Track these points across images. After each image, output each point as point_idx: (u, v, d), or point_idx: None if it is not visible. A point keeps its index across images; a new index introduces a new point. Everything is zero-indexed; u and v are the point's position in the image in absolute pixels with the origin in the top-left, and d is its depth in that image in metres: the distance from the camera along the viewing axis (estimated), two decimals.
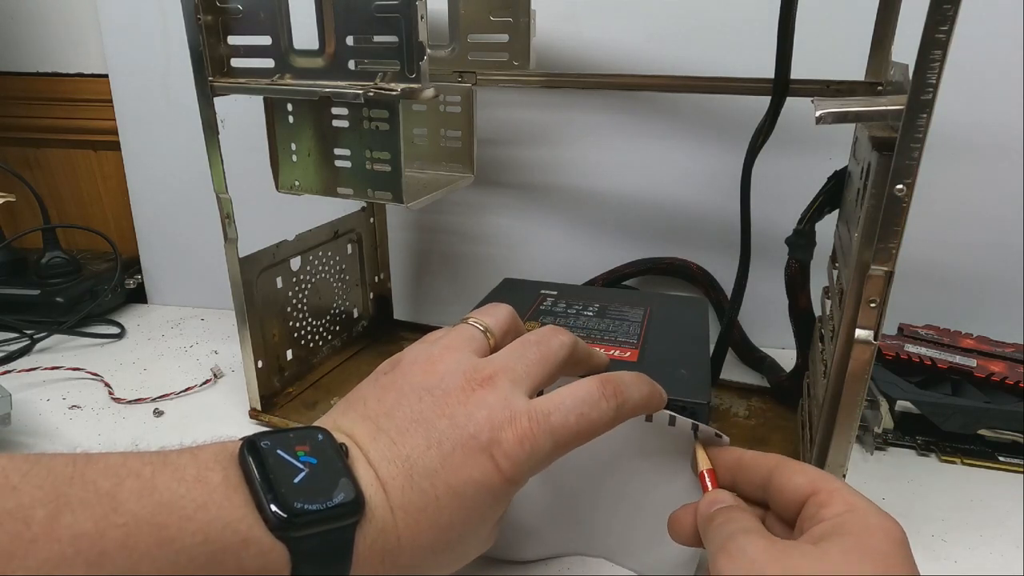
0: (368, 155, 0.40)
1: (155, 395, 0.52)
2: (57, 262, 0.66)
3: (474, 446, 0.26)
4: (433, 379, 0.28)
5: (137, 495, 0.21)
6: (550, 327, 0.32)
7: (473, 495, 0.26)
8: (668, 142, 0.58)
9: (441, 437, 0.26)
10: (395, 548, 0.25)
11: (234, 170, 0.43)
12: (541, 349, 0.30)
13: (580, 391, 0.28)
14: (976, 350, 0.49)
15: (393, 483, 0.25)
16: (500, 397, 0.27)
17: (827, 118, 0.30)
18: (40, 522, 0.19)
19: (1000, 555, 0.36)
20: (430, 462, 0.26)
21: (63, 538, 0.19)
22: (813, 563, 0.23)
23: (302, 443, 0.25)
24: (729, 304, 0.48)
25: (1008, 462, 0.43)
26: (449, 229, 0.65)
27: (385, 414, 0.27)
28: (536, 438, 0.26)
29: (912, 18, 0.30)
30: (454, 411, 0.27)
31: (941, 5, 0.25)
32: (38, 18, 0.68)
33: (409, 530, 0.25)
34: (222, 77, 0.40)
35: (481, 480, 0.26)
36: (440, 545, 0.26)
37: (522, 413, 0.26)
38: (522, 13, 0.48)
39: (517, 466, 0.26)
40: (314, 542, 0.23)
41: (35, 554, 0.18)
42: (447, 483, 0.25)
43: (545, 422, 0.26)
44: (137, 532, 0.20)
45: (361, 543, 0.24)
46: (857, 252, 0.31)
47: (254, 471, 0.23)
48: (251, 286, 0.46)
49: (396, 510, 0.25)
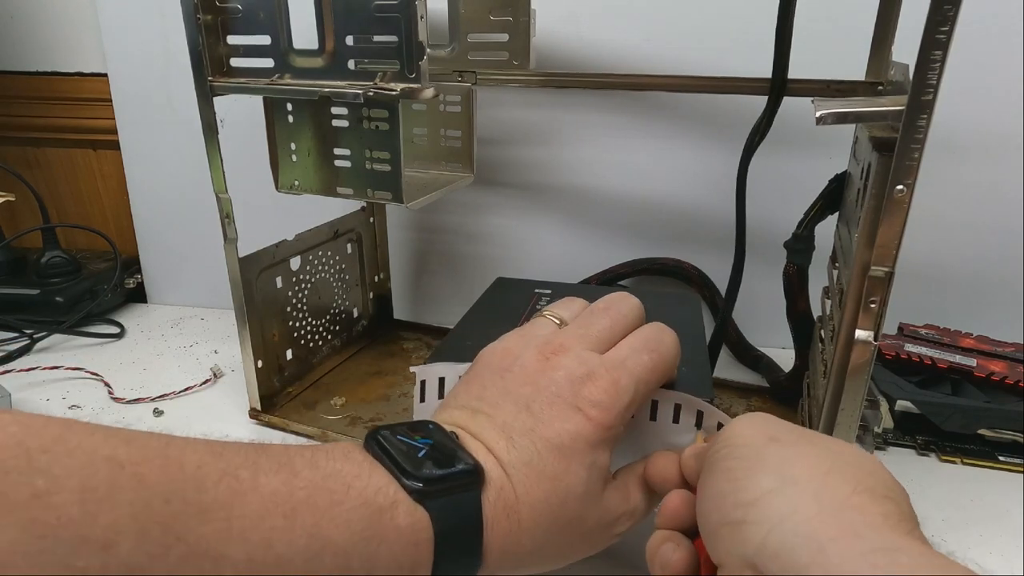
0: (368, 155, 0.40)
1: (155, 395, 0.52)
2: (57, 262, 0.66)
3: (560, 403, 0.28)
4: (509, 360, 0.31)
5: (309, 466, 0.24)
6: (619, 293, 0.34)
7: (570, 444, 0.27)
8: (667, 142, 0.58)
9: (528, 401, 0.28)
10: (514, 504, 0.27)
11: (234, 170, 0.43)
12: (610, 314, 0.32)
13: (643, 333, 0.31)
14: (976, 350, 0.49)
15: (498, 446, 0.28)
16: (574, 357, 0.29)
17: (827, 118, 0.30)
18: (246, 480, 0.22)
19: (1000, 555, 0.36)
20: (524, 423, 0.28)
21: (264, 494, 0.22)
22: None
23: (416, 430, 0.28)
24: (724, 302, 0.48)
25: (1008, 462, 0.43)
26: (449, 229, 0.65)
27: (476, 398, 0.30)
28: (617, 383, 0.28)
29: (912, 18, 0.30)
30: (535, 379, 0.29)
31: (941, 5, 0.25)
32: (38, 18, 0.68)
33: (522, 484, 0.27)
34: (222, 77, 0.40)
35: (575, 430, 0.27)
36: (553, 498, 0.27)
37: (598, 366, 0.29)
38: (522, 13, 0.48)
39: (605, 412, 0.28)
40: (447, 507, 0.25)
41: (248, 504, 0.22)
42: (544, 437, 0.27)
43: (622, 367, 0.29)
44: (316, 494, 0.23)
45: (486, 505, 0.26)
46: (857, 252, 0.31)
47: (383, 452, 0.26)
48: (251, 286, 0.46)
49: (507, 467, 0.27)
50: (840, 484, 0.21)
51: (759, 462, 0.23)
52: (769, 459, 0.23)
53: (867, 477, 0.22)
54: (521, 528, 0.27)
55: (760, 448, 0.23)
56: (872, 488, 0.21)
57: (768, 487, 0.22)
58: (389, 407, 0.50)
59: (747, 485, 0.22)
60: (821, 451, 0.23)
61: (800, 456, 0.23)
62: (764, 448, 0.23)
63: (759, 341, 0.58)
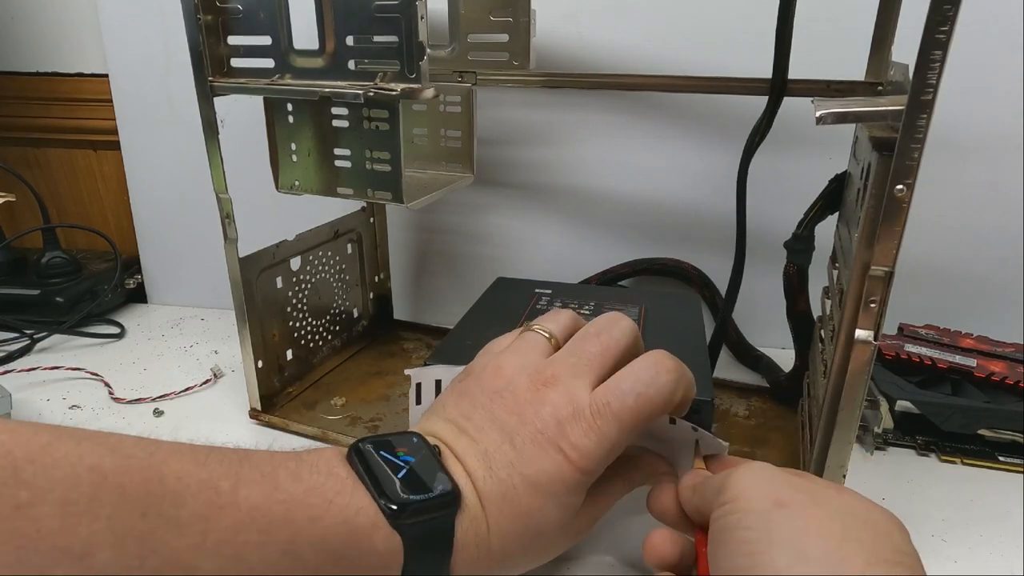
0: (368, 155, 0.40)
1: (155, 395, 0.52)
2: (57, 262, 0.66)
3: (543, 440, 0.28)
4: (502, 382, 0.30)
5: (290, 480, 0.24)
6: (612, 314, 0.33)
7: (547, 484, 0.27)
8: (667, 142, 0.58)
9: (513, 433, 0.28)
10: (485, 535, 0.27)
11: (234, 170, 0.43)
12: (602, 339, 0.31)
13: (636, 370, 0.29)
14: (976, 350, 0.49)
15: (476, 474, 0.28)
16: (562, 393, 0.29)
17: (827, 118, 0.30)
18: (226, 492, 0.23)
19: (1000, 555, 0.36)
20: (505, 455, 0.28)
21: (242, 507, 0.23)
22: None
23: (400, 445, 0.28)
24: (724, 302, 0.48)
25: (1008, 462, 0.43)
26: (449, 229, 0.65)
27: (464, 416, 0.30)
28: (600, 428, 0.28)
29: (912, 18, 0.30)
30: (523, 409, 0.29)
31: (941, 5, 0.25)
32: (38, 19, 0.68)
33: (494, 517, 0.27)
34: (222, 77, 0.40)
35: (553, 471, 0.27)
36: (524, 531, 0.28)
37: (584, 406, 0.28)
38: (522, 13, 0.48)
39: (587, 456, 0.27)
40: (419, 530, 0.25)
41: (224, 518, 0.22)
42: (522, 473, 0.27)
43: (607, 411, 0.28)
44: (295, 508, 0.24)
45: (459, 530, 0.26)
46: (857, 252, 0.31)
47: (363, 470, 0.26)
48: (251, 286, 0.46)
49: (483, 498, 0.27)
50: (854, 556, 0.21)
51: (772, 534, 0.23)
52: (781, 531, 0.23)
53: (879, 543, 0.22)
54: (490, 557, 0.27)
55: (769, 516, 0.23)
56: (885, 558, 0.21)
57: (784, 564, 0.22)
58: (389, 407, 0.50)
59: (763, 562, 0.22)
60: (831, 514, 0.23)
61: (811, 525, 0.23)
62: (773, 516, 0.23)
63: (759, 341, 0.58)
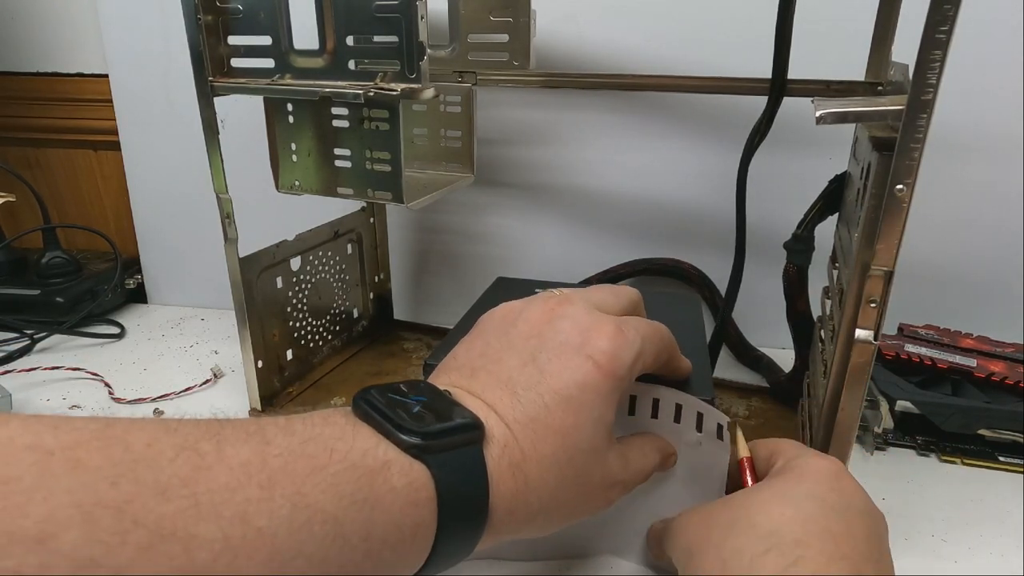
0: (368, 155, 0.40)
1: (155, 395, 0.52)
2: (57, 262, 0.66)
3: (567, 351, 0.27)
4: (513, 315, 0.30)
5: (283, 433, 0.22)
6: (614, 285, 0.34)
7: (579, 395, 0.26)
8: (667, 142, 0.58)
9: (534, 352, 0.27)
10: (521, 461, 0.25)
11: (234, 170, 0.43)
12: (613, 288, 0.33)
13: (639, 316, 0.31)
14: (976, 350, 0.49)
15: (501, 403, 0.26)
16: (581, 308, 0.29)
17: (827, 118, 0.30)
18: (210, 453, 0.20)
19: (1000, 555, 0.36)
20: (530, 376, 0.27)
21: (233, 466, 0.20)
22: (749, 496, 0.27)
23: (409, 388, 0.26)
24: (724, 302, 0.48)
25: (1008, 462, 0.43)
26: (449, 229, 0.65)
27: (479, 355, 0.29)
28: (625, 333, 0.28)
29: (912, 18, 0.30)
30: (540, 330, 0.28)
31: (941, 5, 0.25)
32: (38, 18, 0.68)
33: (528, 440, 0.26)
34: (222, 77, 0.40)
35: (583, 379, 0.26)
36: (561, 454, 0.26)
37: (603, 317, 0.28)
38: (522, 13, 0.48)
39: (615, 359, 0.27)
40: (449, 462, 0.23)
41: (214, 478, 0.19)
42: (551, 388, 0.26)
43: (628, 323, 0.29)
44: (293, 461, 0.21)
45: (491, 462, 0.25)
46: (857, 252, 0.31)
47: (372, 410, 0.24)
48: (251, 286, 0.46)
49: (511, 424, 0.26)
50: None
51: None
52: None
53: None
54: (528, 487, 0.25)
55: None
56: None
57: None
58: None
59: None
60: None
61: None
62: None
63: (759, 341, 0.58)
